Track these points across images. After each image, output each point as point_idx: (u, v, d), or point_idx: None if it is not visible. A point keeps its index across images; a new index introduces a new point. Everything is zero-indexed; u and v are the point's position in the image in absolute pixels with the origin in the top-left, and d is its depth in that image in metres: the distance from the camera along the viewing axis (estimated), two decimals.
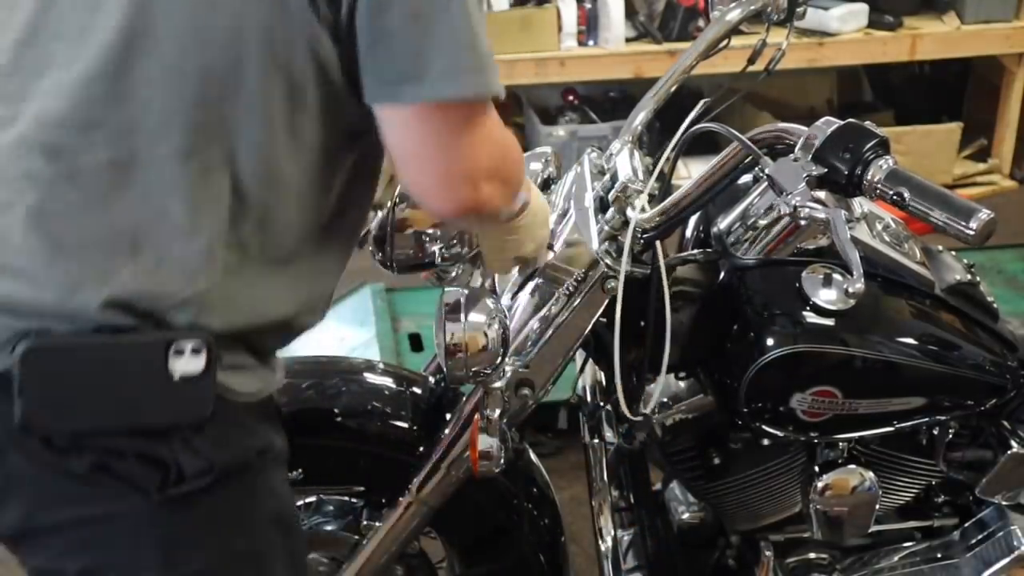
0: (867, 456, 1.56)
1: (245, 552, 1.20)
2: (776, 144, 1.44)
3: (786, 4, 1.67)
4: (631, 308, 1.44)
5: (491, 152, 1.15)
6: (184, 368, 1.07)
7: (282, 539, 1.25)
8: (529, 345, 1.44)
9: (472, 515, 1.69)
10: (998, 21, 4.35)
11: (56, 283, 1.06)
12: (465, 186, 1.13)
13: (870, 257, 1.44)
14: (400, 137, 1.11)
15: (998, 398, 1.52)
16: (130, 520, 1.11)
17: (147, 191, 1.06)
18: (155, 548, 1.12)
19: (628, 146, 1.56)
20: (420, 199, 1.19)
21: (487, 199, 1.16)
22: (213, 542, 1.16)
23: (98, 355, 1.06)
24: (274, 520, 1.24)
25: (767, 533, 1.68)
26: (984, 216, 1.21)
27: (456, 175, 1.12)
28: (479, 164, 1.13)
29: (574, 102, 4.58)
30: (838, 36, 4.24)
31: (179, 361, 1.07)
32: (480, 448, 1.44)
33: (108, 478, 1.09)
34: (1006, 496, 1.62)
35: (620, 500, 1.75)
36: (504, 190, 1.20)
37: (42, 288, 1.06)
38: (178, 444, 1.10)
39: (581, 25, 4.16)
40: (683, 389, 1.62)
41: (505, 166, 1.19)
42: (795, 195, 1.30)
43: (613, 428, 1.71)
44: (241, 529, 1.19)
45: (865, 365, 1.42)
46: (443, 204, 1.15)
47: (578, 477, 2.03)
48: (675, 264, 1.49)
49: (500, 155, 1.18)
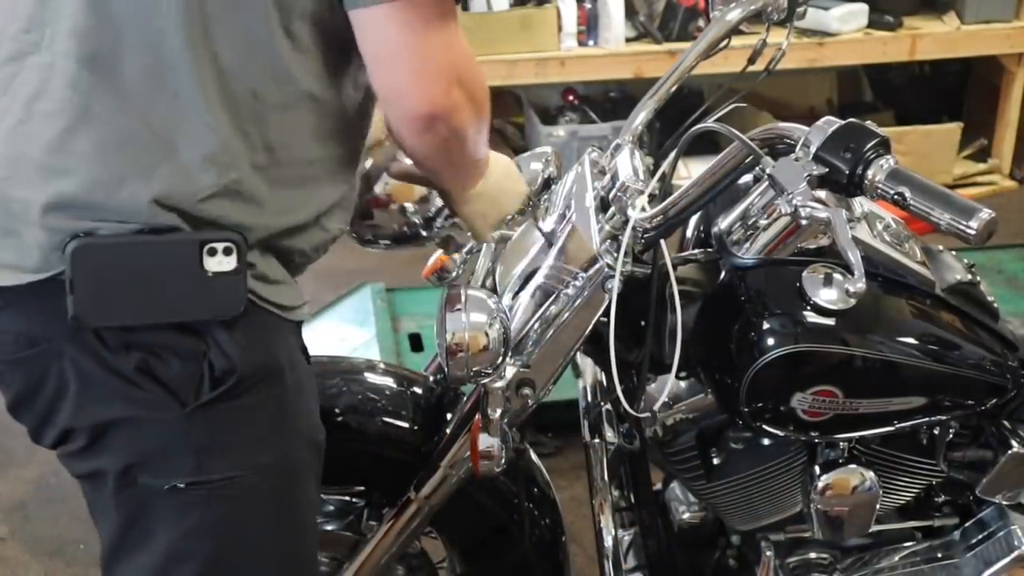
0: (867, 456, 1.56)
1: (275, 464, 1.29)
2: (777, 144, 1.44)
3: (786, 4, 1.67)
4: (633, 308, 1.44)
5: (459, 56, 1.22)
6: (218, 266, 1.17)
7: (316, 461, 1.36)
8: (530, 345, 1.44)
9: (473, 515, 1.69)
10: (998, 21, 4.35)
11: (103, 181, 1.15)
12: (437, 82, 1.19)
13: (871, 257, 1.44)
14: (373, 39, 1.18)
15: (998, 398, 1.52)
16: (168, 426, 1.21)
17: (177, 92, 1.16)
18: (189, 453, 1.22)
19: (628, 146, 1.56)
20: (393, 103, 1.22)
21: (456, 104, 1.21)
22: (244, 452, 1.25)
23: (140, 252, 1.16)
24: (307, 441, 1.34)
25: (767, 533, 1.68)
26: (985, 216, 1.21)
27: (429, 71, 1.18)
28: (449, 60, 1.20)
29: (574, 102, 4.58)
30: (838, 36, 4.25)
31: (213, 260, 1.17)
32: (481, 448, 1.44)
33: (150, 382, 1.19)
34: (1006, 496, 1.62)
35: (620, 500, 1.75)
36: (471, 106, 1.24)
37: (91, 185, 1.15)
38: (211, 341, 1.20)
39: (581, 25, 4.16)
40: (683, 389, 1.62)
41: (472, 78, 1.24)
42: (796, 195, 1.30)
43: (613, 428, 1.71)
44: (271, 443, 1.28)
45: (866, 365, 1.42)
46: (416, 103, 1.19)
47: (578, 477, 2.03)
48: (676, 264, 1.49)
49: (466, 63, 1.23)
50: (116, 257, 1.16)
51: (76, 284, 1.15)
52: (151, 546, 1.26)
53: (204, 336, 1.20)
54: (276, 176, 1.22)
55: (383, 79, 1.20)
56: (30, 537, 2.59)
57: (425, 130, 1.22)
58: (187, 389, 1.20)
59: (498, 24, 4.08)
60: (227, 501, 1.26)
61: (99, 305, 1.16)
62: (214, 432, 1.23)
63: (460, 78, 1.21)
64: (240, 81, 1.18)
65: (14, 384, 1.25)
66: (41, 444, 1.29)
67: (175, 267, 1.17)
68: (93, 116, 1.16)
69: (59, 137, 1.16)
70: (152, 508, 1.25)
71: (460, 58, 1.22)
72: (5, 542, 2.59)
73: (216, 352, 1.20)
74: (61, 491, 2.68)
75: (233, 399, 1.22)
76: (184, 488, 1.23)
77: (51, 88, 1.16)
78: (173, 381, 1.20)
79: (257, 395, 1.24)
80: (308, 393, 1.35)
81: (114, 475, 1.24)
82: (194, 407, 1.21)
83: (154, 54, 1.15)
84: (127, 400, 1.20)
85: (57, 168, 1.16)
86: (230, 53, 1.17)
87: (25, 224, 1.17)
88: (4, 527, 2.63)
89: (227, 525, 1.27)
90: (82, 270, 1.15)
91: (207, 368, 1.20)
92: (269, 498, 1.29)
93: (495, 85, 4.45)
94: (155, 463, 1.23)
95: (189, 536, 1.26)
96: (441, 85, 1.19)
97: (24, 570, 2.50)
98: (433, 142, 1.25)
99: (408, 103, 1.20)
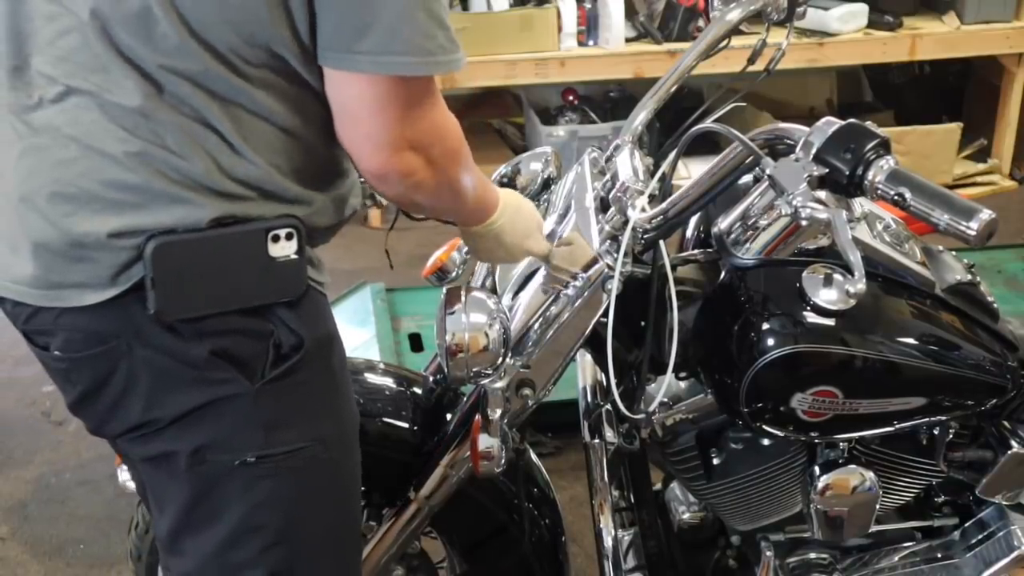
0: (867, 456, 1.56)
1: (334, 435, 1.35)
2: (777, 144, 1.44)
3: (786, 4, 1.67)
4: (633, 308, 1.44)
5: (420, 130, 1.22)
6: (281, 252, 1.24)
7: (357, 430, 1.42)
8: (530, 345, 1.44)
9: (472, 515, 1.69)
10: (998, 21, 4.36)
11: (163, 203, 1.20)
12: (387, 151, 1.21)
13: (871, 257, 1.44)
14: (334, 94, 1.21)
15: (998, 398, 1.52)
16: (238, 403, 1.25)
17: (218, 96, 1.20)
18: (258, 428, 1.27)
19: (628, 146, 1.57)
20: (350, 152, 1.25)
21: (408, 168, 1.22)
22: (307, 424, 1.31)
23: (213, 245, 1.21)
24: (353, 411, 1.41)
25: (767, 533, 1.68)
26: (985, 216, 1.21)
27: (382, 141, 1.20)
28: (405, 135, 1.20)
29: (574, 102, 4.59)
30: (838, 36, 4.25)
31: (276, 246, 1.23)
32: (481, 448, 1.44)
33: (223, 363, 1.24)
34: (1006, 496, 1.62)
35: (620, 500, 1.75)
36: (429, 168, 1.24)
37: (154, 210, 1.20)
38: (276, 320, 1.26)
39: (581, 25, 4.17)
40: (683, 389, 1.62)
41: (434, 141, 1.24)
42: (796, 195, 1.30)
43: (613, 428, 1.71)
44: (330, 411, 1.35)
45: (865, 365, 1.42)
46: (367, 163, 1.23)
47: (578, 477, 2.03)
48: (676, 264, 1.49)
49: (429, 134, 1.23)
50: (192, 252, 1.21)
51: (157, 282, 1.19)
52: (222, 520, 1.30)
53: (269, 317, 1.26)
54: (308, 155, 1.27)
55: (341, 129, 1.23)
56: (30, 537, 2.59)
57: (380, 182, 1.25)
58: (256, 367, 1.26)
59: (498, 24, 4.08)
60: (294, 472, 1.31)
61: (179, 299, 1.21)
62: (281, 406, 1.28)
63: (418, 145, 1.22)
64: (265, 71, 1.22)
65: (81, 381, 1.28)
66: (102, 436, 1.35)
67: (245, 256, 1.23)
68: (144, 152, 1.19)
69: (116, 173, 1.19)
70: (222, 483, 1.29)
71: (421, 131, 1.22)
72: (5, 542, 2.58)
73: (283, 330, 1.26)
74: (61, 491, 2.68)
75: (296, 373, 1.28)
76: (254, 462, 1.28)
77: (104, 124, 1.19)
78: (244, 361, 1.25)
79: (315, 368, 1.31)
80: (347, 364, 1.41)
81: (185, 455, 1.28)
82: (261, 384, 1.26)
83: (200, 62, 1.18)
84: (202, 386, 1.25)
85: (120, 202, 1.19)
86: None
87: (95, 249, 1.20)
88: (4, 527, 2.62)
89: (294, 496, 1.32)
90: (162, 268, 1.19)
91: (273, 346, 1.26)
92: (329, 468, 1.35)
93: (495, 85, 4.50)
94: (226, 441, 1.27)
95: (259, 508, 1.30)
96: (389, 153, 1.21)
97: (24, 570, 2.50)
98: (390, 193, 1.28)
99: (362, 160, 1.24)
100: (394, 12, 1.15)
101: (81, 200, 1.19)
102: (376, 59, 1.16)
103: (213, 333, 1.23)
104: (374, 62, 1.16)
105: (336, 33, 1.16)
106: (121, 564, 2.40)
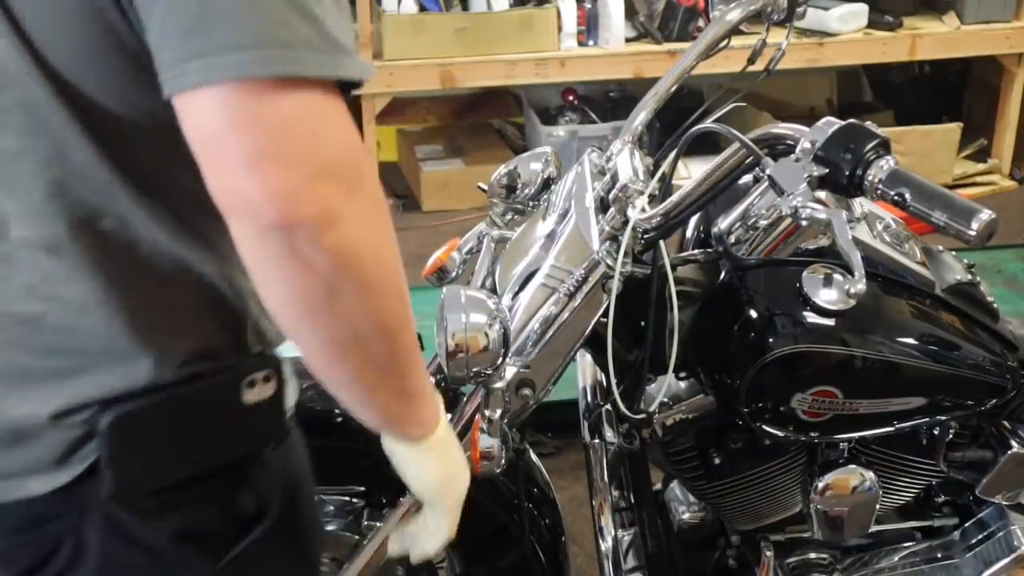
0: (867, 456, 1.56)
1: None
2: (777, 145, 1.44)
3: (786, 4, 1.67)
4: (633, 308, 1.44)
5: (323, 141, 0.88)
6: (257, 396, 1.03)
7: None
8: (530, 345, 1.44)
9: (472, 515, 1.69)
10: (998, 21, 4.36)
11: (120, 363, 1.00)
12: (281, 176, 0.85)
13: (871, 257, 1.44)
14: (198, 130, 0.87)
15: (998, 398, 1.52)
16: None
17: None
18: None
19: (628, 146, 1.56)
20: (233, 216, 0.89)
21: (326, 204, 0.87)
22: None
23: (178, 408, 1.01)
24: (318, 554, 1.22)
25: (767, 533, 1.68)
26: (985, 217, 1.21)
27: (272, 165, 0.85)
28: (305, 152, 0.86)
29: (574, 102, 4.59)
30: (838, 36, 4.25)
31: (251, 391, 1.03)
32: (481, 448, 1.44)
33: (183, 544, 1.04)
34: (1006, 496, 1.62)
35: (620, 500, 1.75)
36: (351, 196, 0.89)
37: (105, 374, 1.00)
38: (243, 477, 1.06)
39: (581, 25, 4.17)
40: (683, 389, 1.62)
41: (348, 162, 0.90)
42: (796, 195, 1.30)
43: (613, 428, 1.71)
44: (297, 568, 1.16)
45: (865, 365, 1.42)
46: (260, 214, 0.86)
47: (578, 477, 2.03)
48: (676, 264, 1.49)
49: (338, 145, 0.89)
50: (154, 420, 1.00)
51: (114, 460, 0.98)
52: None
53: (234, 476, 1.05)
54: None
55: (220, 182, 0.88)
56: None
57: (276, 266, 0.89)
58: (220, 543, 1.06)
59: (498, 24, 4.08)
60: None
61: (139, 475, 1.00)
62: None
63: (327, 165, 0.88)
64: None
65: (17, 563, 1.05)
66: None
67: (215, 411, 1.02)
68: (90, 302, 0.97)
69: (45, 337, 0.97)
70: None
71: (325, 141, 0.88)
72: None
73: (247, 492, 1.06)
74: None
75: (260, 543, 1.08)
76: None
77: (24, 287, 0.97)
78: (207, 536, 1.05)
79: (281, 534, 1.11)
80: (315, 506, 1.22)
81: None
82: (226, 562, 1.06)
83: None
84: (159, 571, 1.05)
85: (56, 371, 0.98)
86: None
87: (38, 432, 0.99)
88: None
89: None
90: (120, 444, 0.98)
91: (237, 513, 1.06)
92: None
93: (495, 85, 4.50)
94: None
95: None
96: (283, 176, 0.86)
97: None
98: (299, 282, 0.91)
99: (252, 218, 0.87)
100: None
101: (10, 377, 0.98)
102: (211, 61, 0.84)
103: (174, 505, 1.03)
104: (208, 66, 0.84)
105: (163, 42, 0.85)
106: None
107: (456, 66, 4.09)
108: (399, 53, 4.06)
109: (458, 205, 4.26)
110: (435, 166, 4.42)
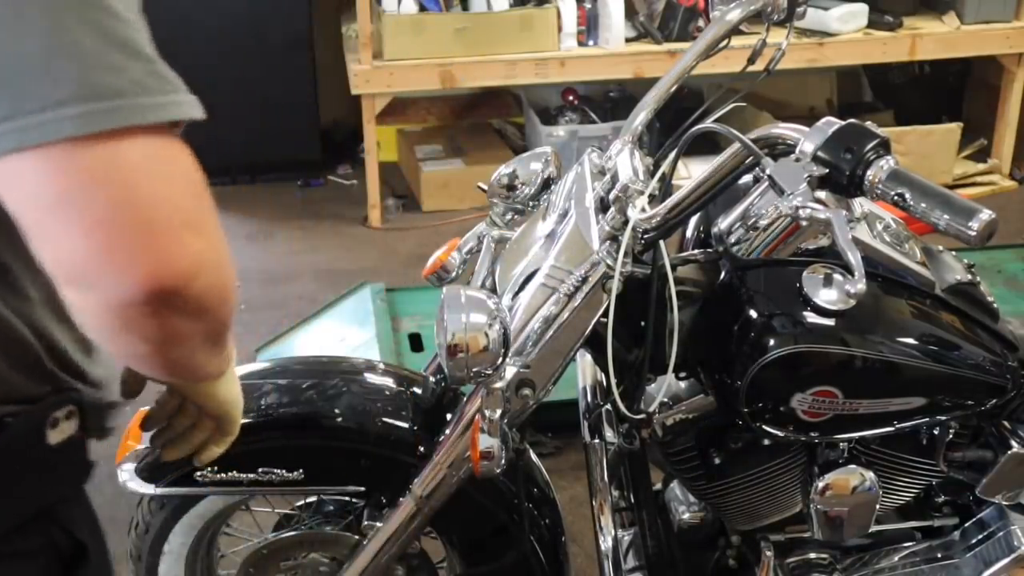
0: (867, 456, 1.56)
1: None
2: (777, 144, 1.44)
3: (786, 4, 1.66)
4: (633, 308, 1.44)
5: (176, 191, 0.78)
6: (60, 435, 0.95)
7: None
8: (530, 345, 1.44)
9: (473, 515, 1.69)
10: (998, 21, 4.36)
11: None
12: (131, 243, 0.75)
13: (870, 257, 1.44)
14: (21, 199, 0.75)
15: (998, 398, 1.52)
16: None
17: None
18: None
19: (628, 146, 1.56)
20: (73, 287, 0.78)
21: (191, 258, 0.78)
22: None
23: None
24: None
25: (767, 533, 1.68)
26: (985, 216, 1.21)
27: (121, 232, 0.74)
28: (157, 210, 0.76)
29: (574, 102, 4.59)
30: (838, 36, 4.25)
31: (54, 431, 0.95)
32: (481, 448, 1.44)
33: None
34: (1006, 496, 1.62)
35: (620, 500, 1.75)
36: (209, 240, 0.80)
37: None
38: (53, 523, 0.98)
39: (581, 25, 4.17)
40: (683, 389, 1.62)
41: (203, 207, 0.80)
42: (796, 195, 1.30)
43: (613, 428, 1.71)
44: None
45: (865, 365, 1.42)
46: (112, 287, 0.76)
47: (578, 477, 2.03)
48: (676, 264, 1.49)
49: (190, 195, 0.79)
50: None
51: None
52: None
53: (43, 523, 0.97)
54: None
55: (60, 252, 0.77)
56: None
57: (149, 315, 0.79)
58: None
59: (498, 24, 4.08)
60: None
61: None
62: None
63: (186, 214, 0.78)
64: None
65: None
66: None
67: (20, 458, 0.92)
68: None
69: None
70: None
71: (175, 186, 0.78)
72: None
73: (64, 536, 0.98)
74: None
75: None
76: None
77: None
78: None
79: (102, 556, 1.05)
80: None
81: None
82: None
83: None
84: None
85: None
86: None
87: None
88: None
89: None
90: None
91: (55, 562, 0.98)
92: None
93: (495, 85, 4.51)
94: None
95: None
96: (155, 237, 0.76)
97: None
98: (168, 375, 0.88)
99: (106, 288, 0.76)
100: (40, 42, 0.71)
101: None
102: (26, 121, 0.70)
103: None
104: (22, 127, 0.70)
105: None
106: (121, 564, 2.40)
107: (456, 66, 4.10)
108: (399, 53, 4.07)
109: (458, 205, 4.27)
110: (435, 166, 4.43)
